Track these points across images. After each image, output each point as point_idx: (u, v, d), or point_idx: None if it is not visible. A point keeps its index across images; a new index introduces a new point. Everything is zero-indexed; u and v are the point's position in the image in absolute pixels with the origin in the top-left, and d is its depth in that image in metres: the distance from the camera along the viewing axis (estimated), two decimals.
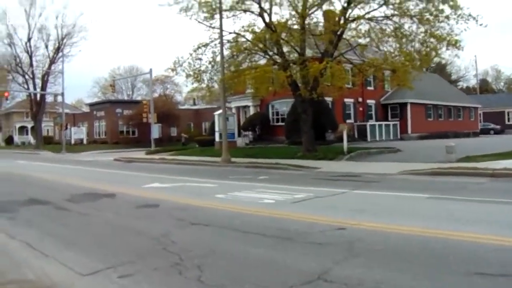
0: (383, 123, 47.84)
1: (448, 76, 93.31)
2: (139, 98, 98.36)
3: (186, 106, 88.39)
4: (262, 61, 30.05)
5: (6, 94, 61.18)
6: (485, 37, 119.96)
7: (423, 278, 6.10)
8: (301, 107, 28.54)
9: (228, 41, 29.01)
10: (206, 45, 28.45)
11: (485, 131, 65.40)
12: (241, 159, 28.45)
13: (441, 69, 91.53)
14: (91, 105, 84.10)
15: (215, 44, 28.57)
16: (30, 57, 67.13)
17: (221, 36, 27.81)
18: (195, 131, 70.87)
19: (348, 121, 43.88)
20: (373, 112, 49.60)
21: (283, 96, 38.81)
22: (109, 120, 67.41)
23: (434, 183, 16.57)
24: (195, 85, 31.34)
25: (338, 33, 27.13)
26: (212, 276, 6.46)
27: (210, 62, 29.15)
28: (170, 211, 11.72)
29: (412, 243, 7.88)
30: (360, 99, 46.86)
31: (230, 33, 28.61)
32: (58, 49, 66.75)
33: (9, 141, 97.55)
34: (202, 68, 28.90)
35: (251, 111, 47.01)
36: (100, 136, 69.31)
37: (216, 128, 38.95)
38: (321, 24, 29.33)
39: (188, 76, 28.77)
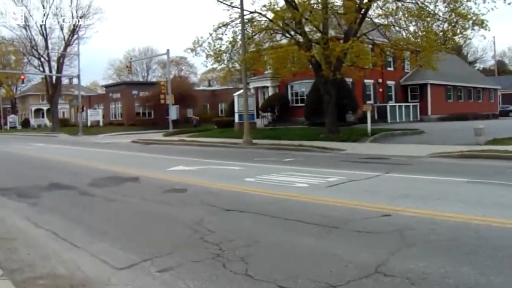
0: (403, 104, 46.94)
1: (464, 58, 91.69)
2: (154, 80, 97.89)
3: (201, 87, 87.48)
4: (283, 41, 29.39)
5: (22, 77, 61.20)
6: (502, 17, 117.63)
7: (492, 272, 5.53)
8: (324, 88, 27.85)
9: (249, 21, 28.35)
10: (226, 24, 27.87)
11: (503, 113, 63.99)
12: (262, 140, 27.95)
13: (458, 50, 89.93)
14: (106, 87, 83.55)
15: (236, 24, 28.00)
16: (46, 40, 66.68)
17: (242, 15, 27.18)
18: (211, 112, 70.38)
19: (368, 102, 42.96)
20: (392, 93, 48.69)
21: (303, 77, 38.16)
22: (125, 102, 66.87)
23: (468, 167, 15.99)
24: (215, 65, 30.60)
25: (362, 11, 26.40)
26: (260, 270, 5.91)
27: (230, 42, 28.54)
28: (199, 196, 11.17)
29: (466, 232, 7.32)
30: (380, 80, 45.94)
31: (251, 12, 28.00)
32: (73, 31, 66.24)
33: (25, 124, 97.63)
34: (223, 48, 28.26)
35: (270, 92, 46.22)
36: (116, 118, 68.83)
37: (236, 109, 38.37)
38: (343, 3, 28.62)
39: (208, 56, 28.20)
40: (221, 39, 27.87)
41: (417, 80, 49.47)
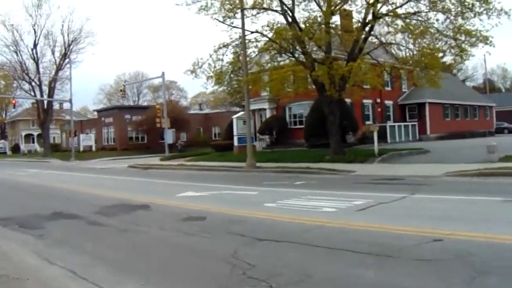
0: (402, 124, 46.31)
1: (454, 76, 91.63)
2: (145, 104, 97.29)
3: (193, 111, 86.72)
4: (285, 62, 28.77)
5: (13, 101, 60.13)
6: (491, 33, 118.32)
7: None
8: (328, 108, 27.14)
9: (250, 41, 27.72)
10: (227, 45, 27.14)
11: (499, 130, 63.74)
12: (265, 163, 27.13)
13: (446, 69, 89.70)
14: (99, 111, 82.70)
15: (237, 44, 27.39)
16: (37, 64, 65.86)
17: (243, 36, 26.59)
18: (205, 136, 69.63)
19: (367, 122, 42.41)
20: (391, 113, 48.05)
21: (301, 98, 37.39)
22: (117, 126, 65.82)
23: (491, 185, 15.40)
24: (216, 87, 29.88)
25: (367, 29, 25.90)
26: None
27: (231, 63, 27.90)
28: (223, 224, 10.31)
29: None
30: (378, 100, 45.33)
31: (252, 32, 27.36)
32: (65, 55, 65.53)
33: (15, 149, 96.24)
34: (224, 69, 27.57)
35: (268, 114, 45.36)
36: (109, 143, 67.69)
37: (235, 132, 37.49)
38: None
39: (208, 78, 27.44)
40: (222, 60, 27.17)
41: (415, 99, 48.95)
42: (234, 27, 26.99)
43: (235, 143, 37.38)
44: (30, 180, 27.14)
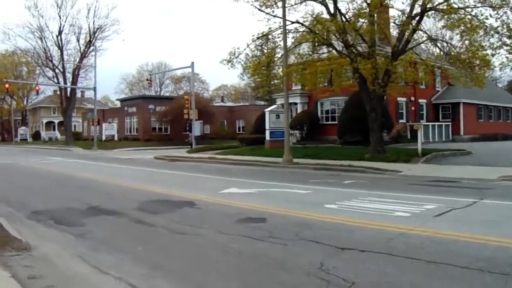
0: (436, 124, 44.80)
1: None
2: (166, 95, 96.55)
3: (217, 104, 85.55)
4: (323, 55, 27.53)
5: (37, 88, 59.62)
6: None
7: None
8: (370, 104, 25.86)
9: (290, 31, 26.49)
10: (266, 34, 26.00)
11: None
12: (303, 160, 25.88)
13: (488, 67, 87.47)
14: (122, 100, 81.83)
15: (277, 34, 26.28)
16: (61, 51, 65.33)
17: (284, 25, 25.33)
18: (229, 129, 68.62)
19: (400, 121, 41.07)
20: (424, 112, 46.49)
21: (334, 94, 36.07)
22: (141, 116, 64.89)
23: None
24: (254, 77, 28.73)
25: (414, 22, 24.54)
26: None
27: (268, 55, 26.76)
28: (288, 228, 9.11)
29: None
30: (412, 98, 43.83)
31: (293, 22, 26.11)
32: (89, 43, 64.87)
33: (36, 136, 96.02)
34: (262, 59, 26.42)
35: (299, 108, 44.12)
36: (132, 133, 66.82)
37: (267, 126, 36.11)
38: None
39: (246, 68, 26.30)
40: (260, 50, 26.01)
41: (448, 98, 47.35)
42: (274, 16, 25.82)
43: (267, 137, 36.06)
44: (56, 169, 26.17)
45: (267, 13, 25.75)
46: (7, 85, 56.62)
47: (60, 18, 64.08)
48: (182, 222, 10.21)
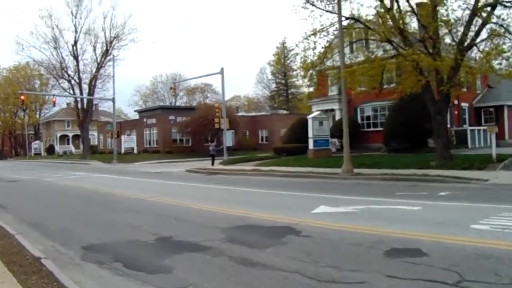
0: (481, 128, 42.05)
1: None
2: (188, 105, 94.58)
3: (239, 113, 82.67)
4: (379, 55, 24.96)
5: (53, 99, 57.52)
6: None
7: None
8: (434, 108, 23.33)
9: (345, 28, 23.99)
10: (320, 30, 23.46)
11: None
12: (363, 169, 23.32)
13: None
14: (140, 112, 79.48)
15: (333, 31, 23.82)
16: (77, 61, 62.86)
17: (339, 21, 22.80)
18: (251, 139, 66.05)
19: None
20: (466, 116, 43.78)
21: (374, 98, 33.52)
22: (161, 127, 62.35)
23: None
24: (306, 80, 26.07)
25: (484, 15, 21.99)
26: None
27: (320, 55, 24.27)
28: (470, 264, 6.55)
29: None
30: (456, 102, 41.06)
31: (347, 18, 23.64)
32: (106, 52, 62.46)
33: (50, 150, 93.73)
34: (313, 59, 23.91)
35: (338, 115, 41.43)
36: (151, 145, 64.15)
37: (310, 134, 33.45)
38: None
39: (299, 68, 23.92)
40: (313, 48, 23.47)
41: (491, 101, 44.60)
42: (327, 11, 23.31)
43: (310, 146, 33.39)
44: (87, 186, 23.63)
45: (322, 9, 23.30)
46: (22, 97, 54.51)
47: (75, 27, 61.83)
48: (307, 260, 7.50)
